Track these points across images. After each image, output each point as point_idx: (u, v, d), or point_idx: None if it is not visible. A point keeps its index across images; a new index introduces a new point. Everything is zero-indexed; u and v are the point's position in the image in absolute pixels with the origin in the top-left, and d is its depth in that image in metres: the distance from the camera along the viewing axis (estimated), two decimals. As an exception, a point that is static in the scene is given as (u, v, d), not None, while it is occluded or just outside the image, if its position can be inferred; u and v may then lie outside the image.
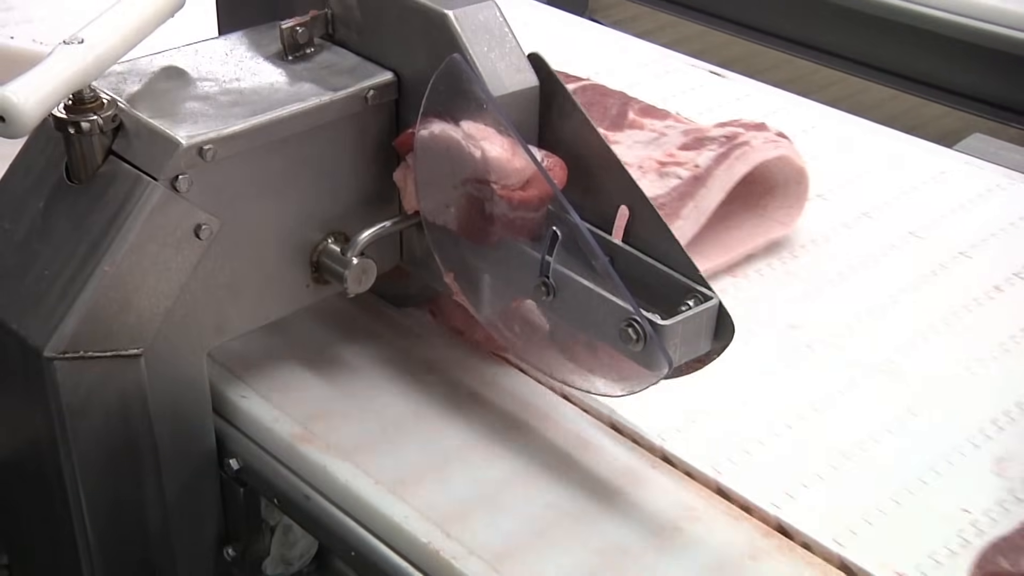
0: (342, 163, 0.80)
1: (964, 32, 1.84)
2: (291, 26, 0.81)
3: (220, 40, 0.84)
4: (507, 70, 0.76)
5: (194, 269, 0.75)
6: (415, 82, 0.78)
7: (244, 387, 0.85)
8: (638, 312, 0.68)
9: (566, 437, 0.82)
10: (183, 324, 0.76)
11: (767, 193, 1.04)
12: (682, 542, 0.74)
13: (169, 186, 0.72)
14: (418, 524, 0.74)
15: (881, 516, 0.76)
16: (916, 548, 0.73)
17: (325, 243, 0.81)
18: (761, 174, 1.00)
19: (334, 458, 0.79)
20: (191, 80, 0.79)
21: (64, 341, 0.71)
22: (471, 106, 0.74)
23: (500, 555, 0.73)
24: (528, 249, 0.74)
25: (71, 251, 0.72)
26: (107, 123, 0.73)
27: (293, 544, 0.90)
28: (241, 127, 0.74)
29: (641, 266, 0.74)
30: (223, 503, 0.85)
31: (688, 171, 0.97)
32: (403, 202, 0.82)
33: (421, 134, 0.76)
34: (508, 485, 0.78)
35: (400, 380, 0.86)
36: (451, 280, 0.80)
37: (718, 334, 0.72)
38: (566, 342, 0.76)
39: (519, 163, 0.72)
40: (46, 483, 0.77)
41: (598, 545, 0.74)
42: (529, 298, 0.76)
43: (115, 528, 0.79)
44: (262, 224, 0.78)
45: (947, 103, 1.93)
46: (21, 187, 0.77)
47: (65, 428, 0.73)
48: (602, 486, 0.78)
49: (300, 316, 0.90)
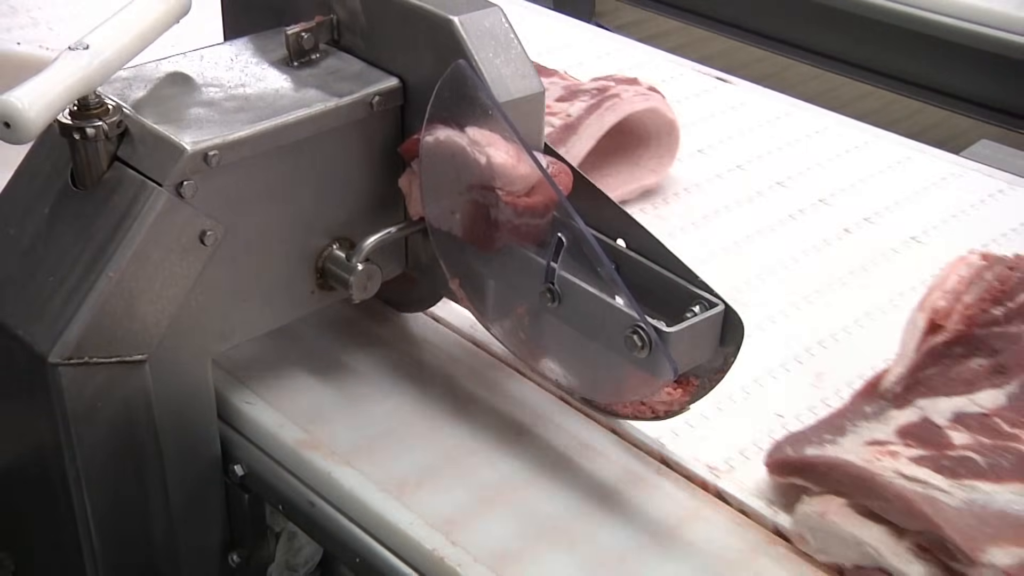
0: (347, 169, 0.80)
1: (971, 38, 1.84)
2: (296, 32, 0.81)
3: (225, 46, 0.84)
4: (512, 76, 0.76)
5: (199, 275, 0.75)
6: (421, 88, 0.78)
7: (249, 393, 0.85)
8: (643, 319, 0.68)
9: (568, 442, 0.82)
10: (188, 330, 0.76)
11: (640, 144, 1.10)
12: (682, 545, 0.74)
13: (174, 192, 0.72)
14: (422, 531, 0.74)
15: (704, 420, 0.83)
16: (731, 444, 0.81)
17: (330, 249, 0.81)
18: (633, 125, 1.07)
19: (338, 464, 0.79)
20: (196, 86, 0.78)
21: (69, 347, 0.71)
22: (476, 112, 0.74)
23: (505, 561, 0.72)
24: (533, 255, 0.74)
25: (76, 257, 0.72)
26: (112, 129, 0.73)
27: (298, 550, 0.90)
28: (246, 133, 0.74)
29: (647, 273, 0.74)
30: (228, 509, 0.85)
31: (561, 120, 1.02)
32: (408, 208, 0.82)
33: (426, 140, 0.76)
34: (513, 490, 0.78)
35: (405, 386, 0.86)
36: (456, 286, 0.80)
37: (724, 340, 0.72)
38: (571, 349, 0.76)
39: (524, 169, 0.72)
40: (51, 489, 0.77)
41: (599, 548, 0.74)
42: (534, 304, 0.75)
43: (119, 534, 0.79)
44: (267, 230, 0.78)
45: (950, 108, 1.93)
46: (26, 193, 0.77)
47: (70, 434, 0.73)
48: (603, 489, 0.78)
49: (305, 322, 0.90)
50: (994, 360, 0.79)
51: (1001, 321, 0.82)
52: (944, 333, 0.81)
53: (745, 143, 1.22)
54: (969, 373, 0.78)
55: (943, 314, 0.82)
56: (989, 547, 0.65)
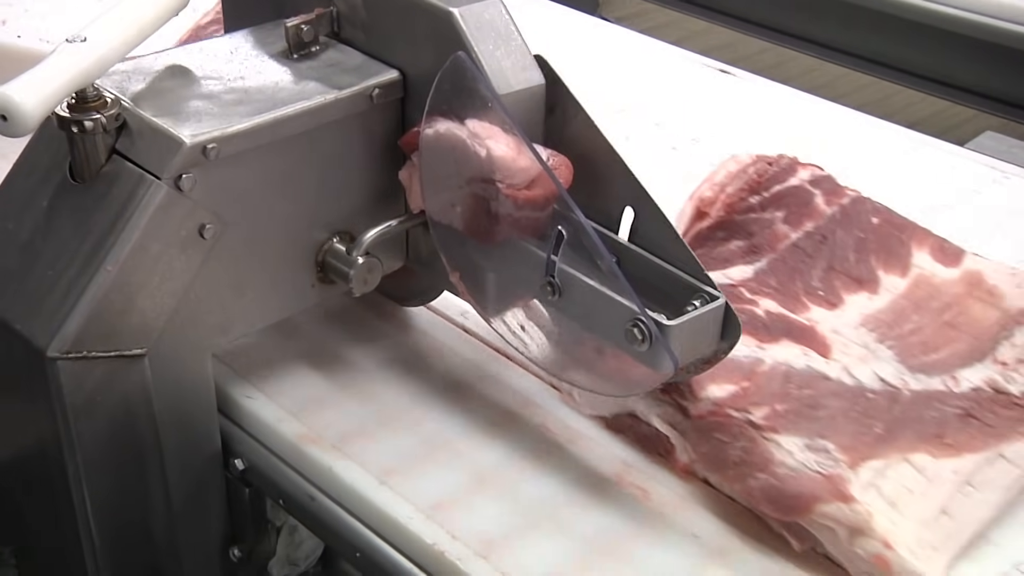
0: (347, 162, 0.80)
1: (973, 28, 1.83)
2: (296, 24, 0.81)
3: (225, 38, 0.84)
4: (512, 68, 0.75)
5: (198, 269, 0.74)
6: (421, 80, 0.78)
7: (249, 387, 0.85)
8: (643, 312, 0.68)
9: (573, 433, 0.81)
10: (187, 324, 0.75)
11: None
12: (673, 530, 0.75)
13: (173, 185, 0.71)
14: (422, 524, 0.74)
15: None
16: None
17: (330, 242, 0.81)
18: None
19: (339, 458, 0.79)
20: (195, 78, 0.78)
21: (67, 341, 0.70)
22: (476, 104, 0.73)
23: (506, 554, 0.72)
24: (534, 248, 0.74)
25: (74, 251, 0.72)
26: (110, 122, 0.72)
27: (299, 545, 0.90)
28: (245, 126, 0.74)
29: (647, 266, 0.74)
30: (229, 504, 0.85)
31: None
32: (409, 201, 0.82)
33: (426, 133, 0.76)
34: (514, 483, 0.78)
35: (406, 380, 0.86)
36: (457, 280, 0.79)
37: (725, 334, 0.71)
38: (571, 342, 0.76)
39: (524, 162, 0.72)
40: (51, 484, 0.77)
41: (596, 535, 0.74)
42: (535, 297, 0.75)
43: (120, 529, 0.79)
44: (267, 223, 0.77)
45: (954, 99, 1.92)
46: (25, 186, 0.77)
47: (69, 429, 0.73)
48: (608, 477, 0.78)
49: (305, 315, 0.90)
50: (749, 242, 0.90)
51: (757, 209, 0.92)
52: (708, 219, 0.92)
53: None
54: (727, 253, 0.90)
55: (708, 203, 0.92)
56: (709, 384, 0.76)
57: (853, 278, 0.89)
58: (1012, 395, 0.80)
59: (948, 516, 0.73)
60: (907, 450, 0.74)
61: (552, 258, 0.72)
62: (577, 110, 0.76)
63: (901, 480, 0.73)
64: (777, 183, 0.94)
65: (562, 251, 0.72)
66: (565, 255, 0.72)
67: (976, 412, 0.79)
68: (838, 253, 0.90)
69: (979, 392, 0.80)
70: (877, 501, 0.71)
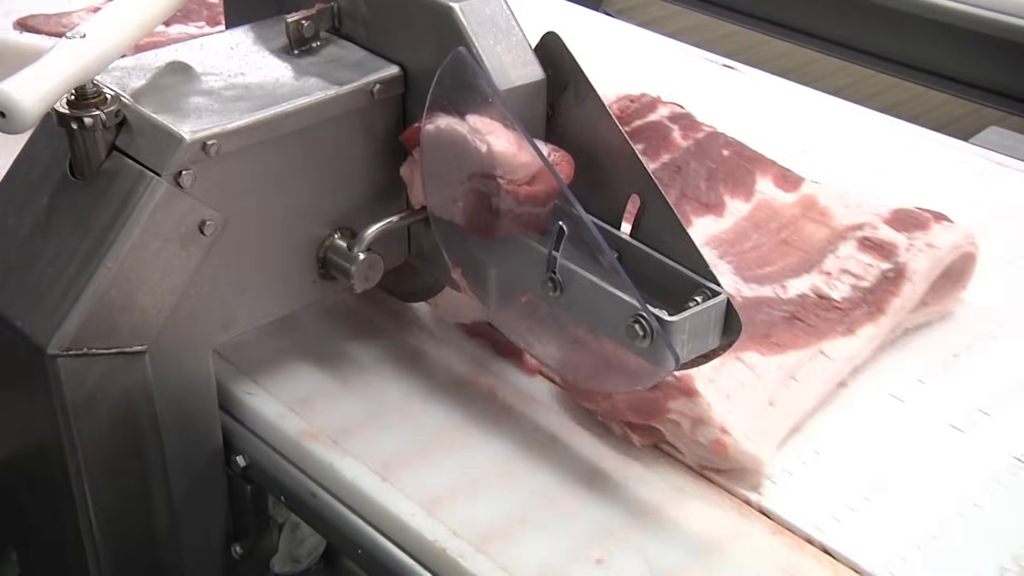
0: (348, 158, 0.80)
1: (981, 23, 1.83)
2: (297, 20, 0.81)
3: (225, 34, 0.84)
4: (513, 63, 0.75)
5: (199, 265, 0.74)
6: (422, 76, 0.78)
7: (250, 383, 0.85)
8: (645, 308, 0.68)
9: (572, 428, 0.81)
10: (188, 321, 0.75)
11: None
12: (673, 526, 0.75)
13: (173, 182, 0.71)
14: (424, 521, 0.74)
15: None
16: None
17: (331, 239, 0.81)
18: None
19: (341, 455, 0.79)
20: (196, 75, 0.78)
21: (68, 338, 0.70)
22: (477, 100, 0.73)
23: (507, 550, 0.72)
24: (535, 244, 0.73)
25: (75, 247, 0.72)
26: (110, 118, 0.72)
27: (301, 541, 0.89)
28: (245, 122, 0.73)
29: (649, 261, 0.73)
30: (230, 500, 0.85)
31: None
32: (410, 197, 0.82)
33: (427, 128, 0.75)
34: (516, 480, 0.78)
35: (407, 375, 0.86)
36: (459, 275, 0.79)
37: (726, 330, 0.71)
38: (572, 337, 0.75)
39: (525, 158, 0.72)
40: (52, 481, 0.77)
41: (598, 531, 0.74)
42: (536, 293, 0.75)
43: (121, 526, 0.79)
44: (267, 220, 0.77)
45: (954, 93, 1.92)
46: (25, 183, 0.76)
47: (70, 426, 0.73)
48: (608, 474, 0.78)
49: (306, 312, 0.90)
50: None
51: None
52: None
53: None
54: None
55: None
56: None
57: (703, 204, 0.97)
58: (833, 300, 0.88)
59: (775, 406, 0.81)
60: (739, 349, 0.79)
61: (553, 254, 0.72)
62: (589, 91, 0.75)
63: (735, 376, 0.80)
64: (638, 118, 1.02)
65: (563, 247, 0.72)
66: (566, 251, 0.72)
67: (800, 315, 0.87)
68: (691, 182, 0.98)
69: (804, 298, 0.88)
70: (714, 394, 0.78)
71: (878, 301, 0.88)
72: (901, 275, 0.89)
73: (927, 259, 0.89)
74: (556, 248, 0.72)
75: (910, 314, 0.90)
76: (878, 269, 0.89)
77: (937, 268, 0.90)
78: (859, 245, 0.91)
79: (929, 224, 0.92)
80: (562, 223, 0.71)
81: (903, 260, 0.89)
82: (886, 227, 0.92)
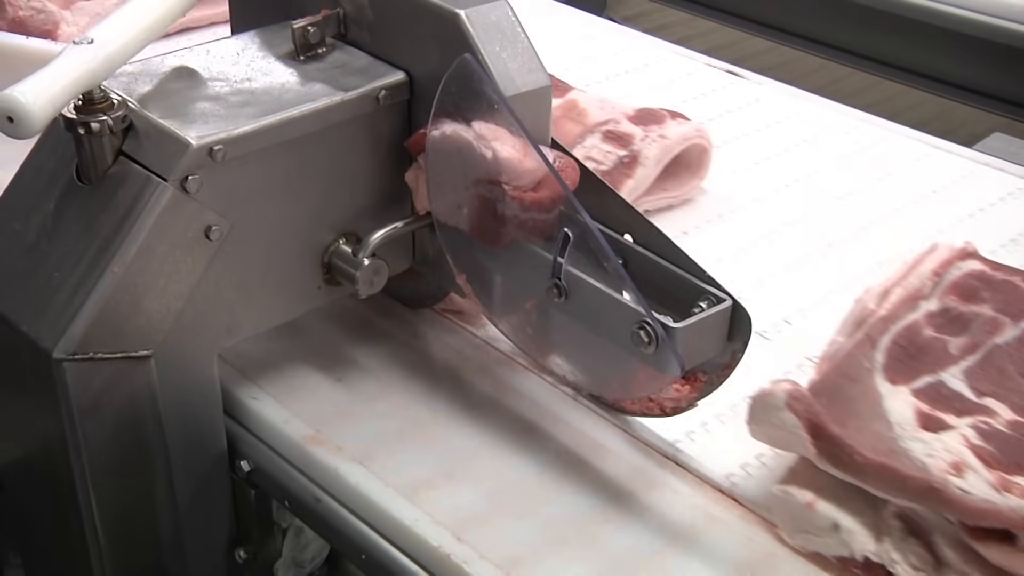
0: (354, 164, 0.80)
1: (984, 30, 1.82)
2: (303, 26, 0.81)
3: (232, 40, 0.84)
4: (519, 70, 0.75)
5: (204, 270, 0.74)
6: (427, 82, 0.78)
7: (255, 388, 0.85)
8: (650, 314, 0.68)
9: (579, 441, 0.81)
10: (194, 325, 0.75)
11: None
12: (698, 545, 0.74)
13: (179, 187, 0.71)
14: (429, 528, 0.74)
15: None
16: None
17: (336, 244, 0.81)
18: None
19: (345, 460, 0.79)
20: (202, 80, 0.78)
21: (74, 342, 0.70)
22: (482, 106, 0.73)
23: (512, 560, 0.72)
24: (540, 251, 0.74)
25: (81, 252, 0.72)
26: (117, 123, 0.72)
27: (305, 546, 0.90)
28: (251, 127, 0.74)
29: (654, 268, 0.74)
30: (234, 505, 0.85)
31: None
32: (415, 203, 0.82)
33: (433, 135, 0.76)
34: (519, 489, 0.77)
35: (412, 382, 0.86)
36: (463, 281, 0.79)
37: (733, 335, 0.71)
38: (577, 344, 0.75)
39: (530, 164, 0.72)
40: (57, 485, 0.77)
41: (611, 550, 0.73)
42: (541, 299, 0.75)
43: (126, 530, 0.79)
44: (273, 225, 0.77)
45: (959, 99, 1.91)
46: (32, 188, 0.77)
47: (75, 430, 0.73)
48: (615, 490, 0.78)
49: (311, 317, 0.90)
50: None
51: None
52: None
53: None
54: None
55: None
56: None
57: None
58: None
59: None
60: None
61: (559, 260, 0.72)
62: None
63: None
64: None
65: (568, 253, 0.72)
66: (572, 257, 0.72)
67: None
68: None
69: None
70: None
71: (614, 182, 1.00)
72: (635, 160, 1.04)
73: (658, 147, 1.05)
74: (561, 254, 0.72)
75: (649, 196, 1.06)
76: (616, 155, 1.04)
77: (667, 155, 1.06)
78: (603, 137, 1.07)
79: (665, 119, 1.08)
80: (567, 229, 0.72)
81: (637, 148, 1.05)
82: (627, 122, 1.08)
